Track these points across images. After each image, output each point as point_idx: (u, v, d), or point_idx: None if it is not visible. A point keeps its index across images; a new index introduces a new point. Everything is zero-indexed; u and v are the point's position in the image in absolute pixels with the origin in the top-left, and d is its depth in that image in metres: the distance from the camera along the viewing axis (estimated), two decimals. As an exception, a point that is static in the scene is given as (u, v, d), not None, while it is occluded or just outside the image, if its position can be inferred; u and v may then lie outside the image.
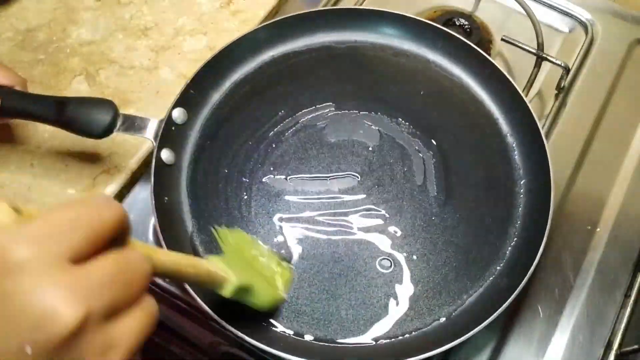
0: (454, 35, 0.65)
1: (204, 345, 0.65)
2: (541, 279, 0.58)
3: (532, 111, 0.60)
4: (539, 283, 0.58)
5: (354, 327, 0.53)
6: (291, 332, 0.53)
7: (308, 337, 0.53)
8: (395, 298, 0.55)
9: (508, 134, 0.63)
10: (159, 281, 0.56)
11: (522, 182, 0.61)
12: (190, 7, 0.74)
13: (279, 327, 0.53)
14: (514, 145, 0.63)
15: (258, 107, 0.63)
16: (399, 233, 0.57)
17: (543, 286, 0.58)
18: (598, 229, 0.62)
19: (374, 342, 0.53)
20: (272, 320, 0.53)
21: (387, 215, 0.58)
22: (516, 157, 0.62)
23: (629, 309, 0.57)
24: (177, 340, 0.69)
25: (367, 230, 0.57)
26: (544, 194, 0.57)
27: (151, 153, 0.57)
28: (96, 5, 0.73)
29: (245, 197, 0.58)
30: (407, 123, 0.63)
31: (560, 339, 0.56)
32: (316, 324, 0.53)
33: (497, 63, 0.72)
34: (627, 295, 0.58)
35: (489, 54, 0.73)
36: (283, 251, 0.56)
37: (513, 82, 0.62)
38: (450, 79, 0.66)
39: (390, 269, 0.56)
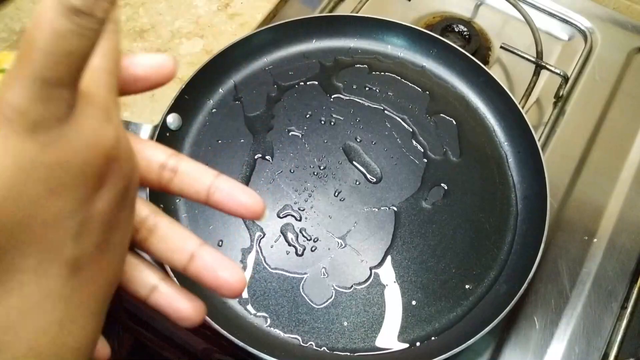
0: (447, 43, 0.65)
1: (196, 352, 0.65)
2: (537, 289, 0.58)
3: (528, 120, 0.60)
4: (535, 293, 0.58)
5: (355, 336, 0.53)
6: (292, 340, 0.52)
7: (309, 345, 0.52)
8: (395, 306, 0.54)
9: (504, 143, 0.63)
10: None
11: (518, 190, 0.61)
12: (187, 10, 0.73)
13: (279, 335, 0.53)
14: (509, 153, 0.63)
15: (254, 113, 0.63)
16: (397, 241, 0.57)
17: (539, 296, 0.58)
18: (595, 239, 0.61)
19: (374, 351, 0.52)
20: (271, 328, 0.53)
21: (385, 223, 0.58)
22: (512, 165, 0.62)
23: (625, 321, 0.57)
24: (169, 347, 0.68)
25: (365, 237, 0.57)
26: (540, 203, 0.57)
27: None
28: (92, 6, 0.72)
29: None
30: (402, 131, 0.63)
31: (557, 350, 0.56)
32: (316, 332, 0.53)
33: (496, 70, 0.72)
34: (623, 307, 0.58)
35: (488, 61, 0.72)
36: None
37: (507, 90, 0.62)
38: (445, 87, 0.66)
39: (389, 277, 0.55)
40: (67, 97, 0.21)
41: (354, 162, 0.61)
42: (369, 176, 0.60)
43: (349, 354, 0.52)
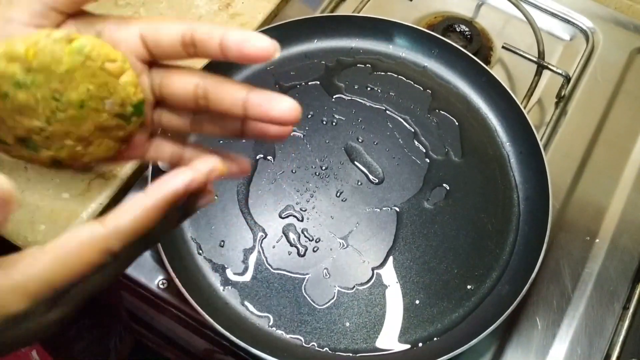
0: (449, 43, 0.65)
1: (198, 353, 0.65)
2: (539, 289, 0.58)
3: (530, 120, 0.60)
4: (537, 294, 0.58)
5: (357, 337, 0.53)
6: (294, 341, 0.52)
7: (311, 346, 0.52)
8: (396, 307, 0.54)
9: (506, 143, 0.63)
10: (152, 287, 0.56)
11: (520, 191, 0.61)
12: (188, 9, 0.73)
13: (282, 336, 0.53)
14: (511, 153, 0.63)
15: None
16: (399, 241, 0.57)
17: (541, 297, 0.58)
18: (597, 240, 0.61)
19: (376, 352, 0.52)
20: (273, 329, 0.53)
21: (387, 224, 0.58)
22: (514, 165, 0.62)
23: (627, 321, 0.57)
24: (171, 347, 0.68)
25: (367, 238, 0.57)
26: (542, 203, 0.57)
27: (147, 158, 0.56)
28: (92, 6, 0.72)
29: (243, 203, 0.58)
30: (404, 131, 0.63)
31: (559, 350, 0.56)
32: (319, 333, 0.53)
33: (498, 70, 0.72)
34: (625, 307, 0.58)
35: (489, 61, 0.72)
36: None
37: (509, 90, 0.62)
38: (447, 87, 0.66)
39: (391, 278, 0.55)
40: None
41: (356, 163, 0.61)
42: (370, 176, 0.60)
43: (351, 354, 0.52)
